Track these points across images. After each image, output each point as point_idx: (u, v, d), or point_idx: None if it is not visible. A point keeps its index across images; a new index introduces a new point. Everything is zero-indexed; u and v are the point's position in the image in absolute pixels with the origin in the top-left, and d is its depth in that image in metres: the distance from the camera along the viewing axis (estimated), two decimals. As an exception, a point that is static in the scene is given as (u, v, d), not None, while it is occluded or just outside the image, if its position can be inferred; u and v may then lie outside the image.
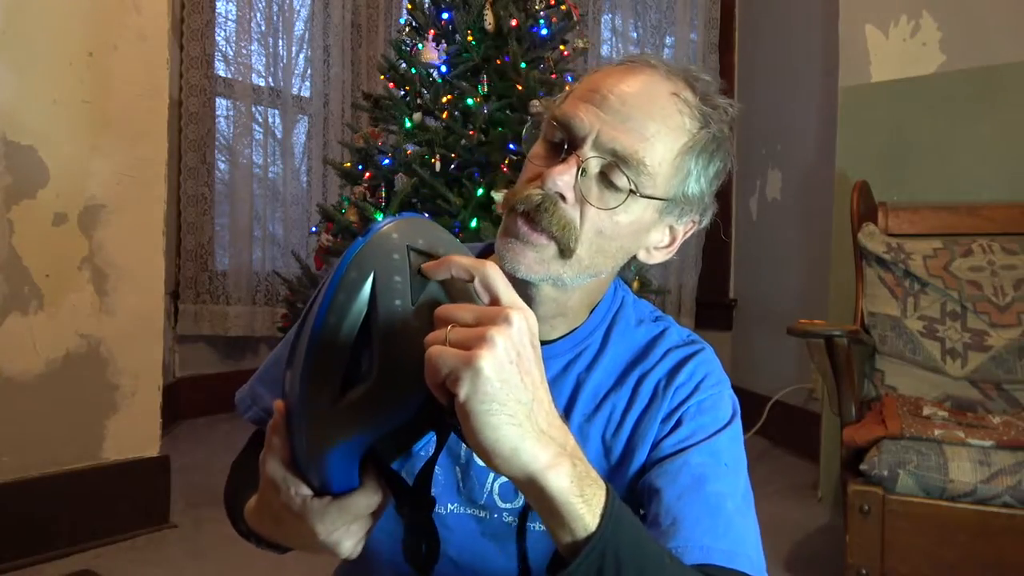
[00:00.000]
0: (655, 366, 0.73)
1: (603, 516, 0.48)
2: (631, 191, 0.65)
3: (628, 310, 0.78)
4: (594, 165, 0.65)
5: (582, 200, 0.66)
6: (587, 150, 0.65)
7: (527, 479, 0.46)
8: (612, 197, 0.66)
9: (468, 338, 0.44)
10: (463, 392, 0.43)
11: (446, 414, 0.45)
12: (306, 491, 0.52)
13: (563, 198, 0.65)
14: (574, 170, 0.65)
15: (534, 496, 0.47)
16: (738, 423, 0.72)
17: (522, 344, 0.45)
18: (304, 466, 0.51)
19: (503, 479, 0.71)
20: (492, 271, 0.47)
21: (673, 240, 0.73)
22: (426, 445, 0.68)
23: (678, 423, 0.69)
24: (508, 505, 0.71)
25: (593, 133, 0.65)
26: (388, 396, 0.47)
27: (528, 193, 0.66)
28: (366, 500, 0.52)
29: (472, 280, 0.47)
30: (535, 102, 2.26)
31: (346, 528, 0.53)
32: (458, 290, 0.49)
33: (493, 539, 0.71)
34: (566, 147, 0.67)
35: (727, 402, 0.72)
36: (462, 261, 0.48)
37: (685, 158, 0.68)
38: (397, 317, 0.47)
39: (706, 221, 0.74)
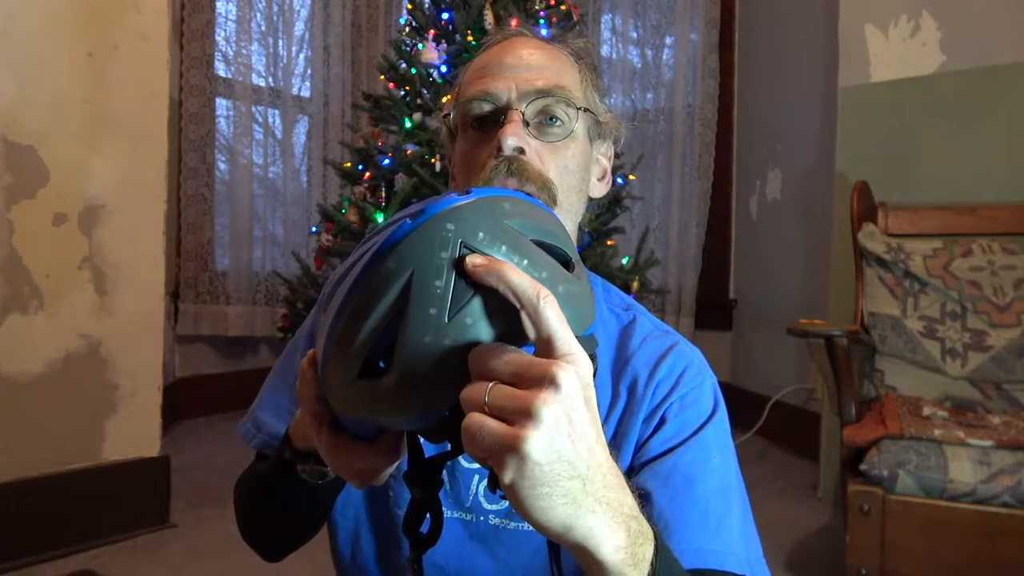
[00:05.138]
0: (632, 358, 0.72)
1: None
2: (577, 108, 0.72)
3: (599, 302, 0.77)
4: (531, 110, 0.70)
5: (539, 146, 0.70)
6: (517, 103, 0.70)
7: (579, 549, 0.43)
8: (560, 129, 0.72)
9: (511, 409, 0.39)
10: (507, 477, 0.39)
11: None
12: (328, 421, 0.50)
13: (522, 152, 0.69)
14: (518, 124, 0.69)
15: (583, 561, 0.44)
16: (722, 412, 0.71)
17: (574, 408, 0.40)
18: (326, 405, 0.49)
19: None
20: (546, 305, 0.41)
21: (604, 173, 0.80)
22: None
23: (662, 421, 0.69)
24: (494, 507, 0.71)
25: (513, 89, 0.70)
26: (399, 406, 0.43)
27: (492, 166, 0.68)
28: (375, 458, 0.50)
29: (520, 310, 0.41)
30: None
31: (353, 470, 0.52)
32: (505, 311, 0.42)
33: (480, 542, 0.71)
34: (495, 120, 0.71)
35: (709, 393, 0.71)
36: (512, 280, 0.41)
37: (583, 75, 0.76)
38: (427, 329, 0.41)
39: (617, 147, 0.83)
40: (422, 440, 0.52)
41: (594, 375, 0.44)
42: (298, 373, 0.52)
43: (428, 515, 0.53)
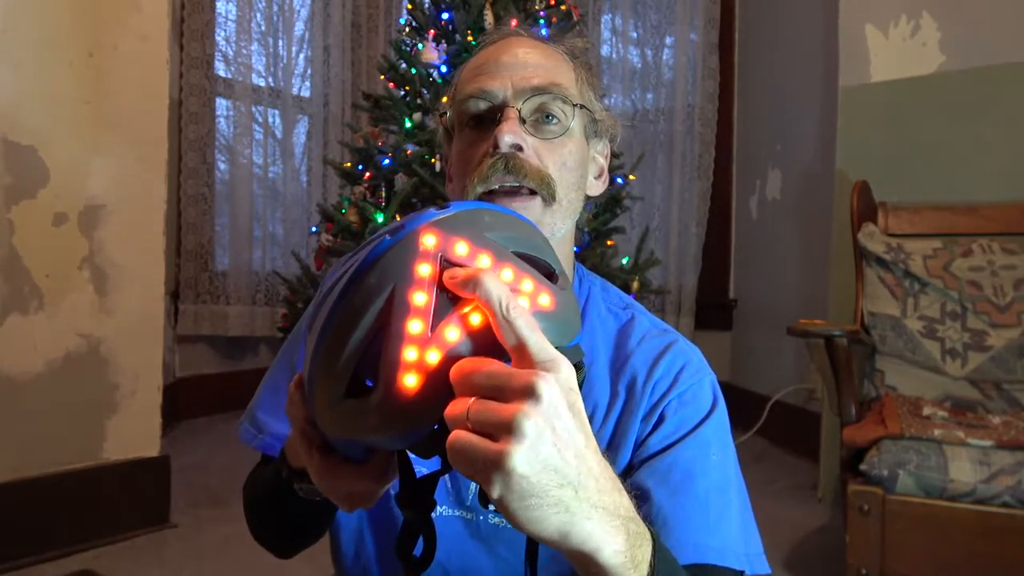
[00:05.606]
0: (630, 357, 0.72)
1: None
2: (573, 105, 0.72)
3: (597, 301, 0.78)
4: (527, 108, 0.71)
5: (536, 143, 0.70)
6: (513, 101, 0.70)
7: (579, 556, 0.42)
8: (556, 126, 0.72)
9: (492, 424, 0.39)
10: (495, 492, 0.39)
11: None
12: (318, 443, 0.50)
13: (520, 149, 0.69)
14: (515, 121, 0.69)
15: (584, 567, 0.43)
16: (721, 409, 0.71)
17: (557, 416, 0.39)
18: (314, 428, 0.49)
19: None
20: (516, 314, 0.41)
21: (601, 171, 0.80)
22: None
23: (661, 418, 0.68)
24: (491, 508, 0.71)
25: (509, 87, 0.71)
26: (387, 423, 0.42)
27: (489, 164, 0.68)
28: (365, 481, 0.50)
29: (492, 319, 0.41)
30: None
31: (343, 493, 0.51)
32: (486, 323, 0.42)
33: (481, 540, 0.71)
34: (492, 118, 0.71)
35: (707, 390, 0.71)
36: (487, 287, 0.41)
37: (579, 73, 0.76)
38: (411, 344, 0.41)
39: (614, 145, 0.83)
40: (413, 457, 0.51)
41: (581, 384, 0.43)
42: (287, 395, 0.51)
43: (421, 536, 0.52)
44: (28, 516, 1.88)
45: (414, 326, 0.41)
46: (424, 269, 0.42)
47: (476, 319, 0.42)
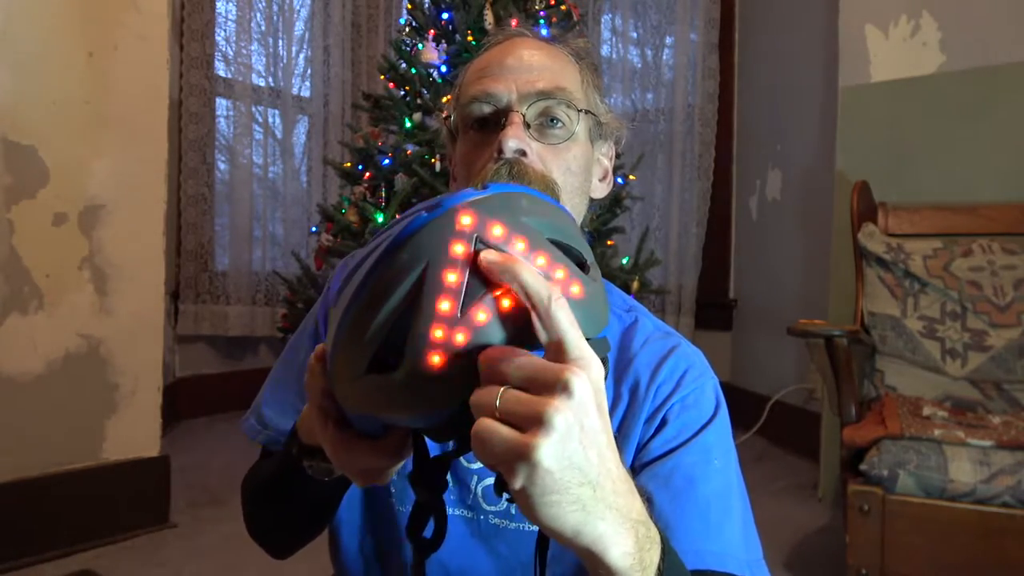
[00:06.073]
0: (633, 360, 0.72)
1: None
2: (578, 110, 0.72)
3: None
4: (532, 112, 0.70)
5: (540, 148, 0.70)
6: (518, 105, 0.70)
7: (587, 554, 0.42)
8: (561, 131, 0.71)
9: (522, 415, 0.39)
10: (517, 483, 0.39)
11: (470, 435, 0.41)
12: (334, 417, 0.49)
13: (524, 154, 0.68)
14: (519, 126, 0.68)
15: (591, 565, 0.43)
16: (723, 414, 0.70)
17: (586, 414, 0.39)
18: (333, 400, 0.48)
19: (487, 482, 0.71)
20: (558, 307, 0.41)
21: (605, 173, 0.80)
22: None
23: (663, 422, 0.68)
24: (492, 508, 0.71)
25: (514, 91, 0.70)
26: (408, 402, 0.42)
27: (492, 169, 0.67)
28: (380, 457, 0.50)
29: (530, 310, 0.41)
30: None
31: (357, 468, 0.51)
32: (518, 309, 0.41)
33: (482, 539, 0.71)
34: (496, 121, 0.71)
35: (710, 394, 0.71)
36: (525, 279, 0.41)
37: (584, 76, 0.76)
38: (440, 322, 0.41)
39: (619, 147, 0.83)
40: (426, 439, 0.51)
41: (605, 379, 0.43)
42: (307, 367, 0.51)
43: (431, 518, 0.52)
44: (28, 516, 1.89)
45: (444, 305, 0.41)
46: (458, 249, 0.41)
47: (506, 303, 0.42)
